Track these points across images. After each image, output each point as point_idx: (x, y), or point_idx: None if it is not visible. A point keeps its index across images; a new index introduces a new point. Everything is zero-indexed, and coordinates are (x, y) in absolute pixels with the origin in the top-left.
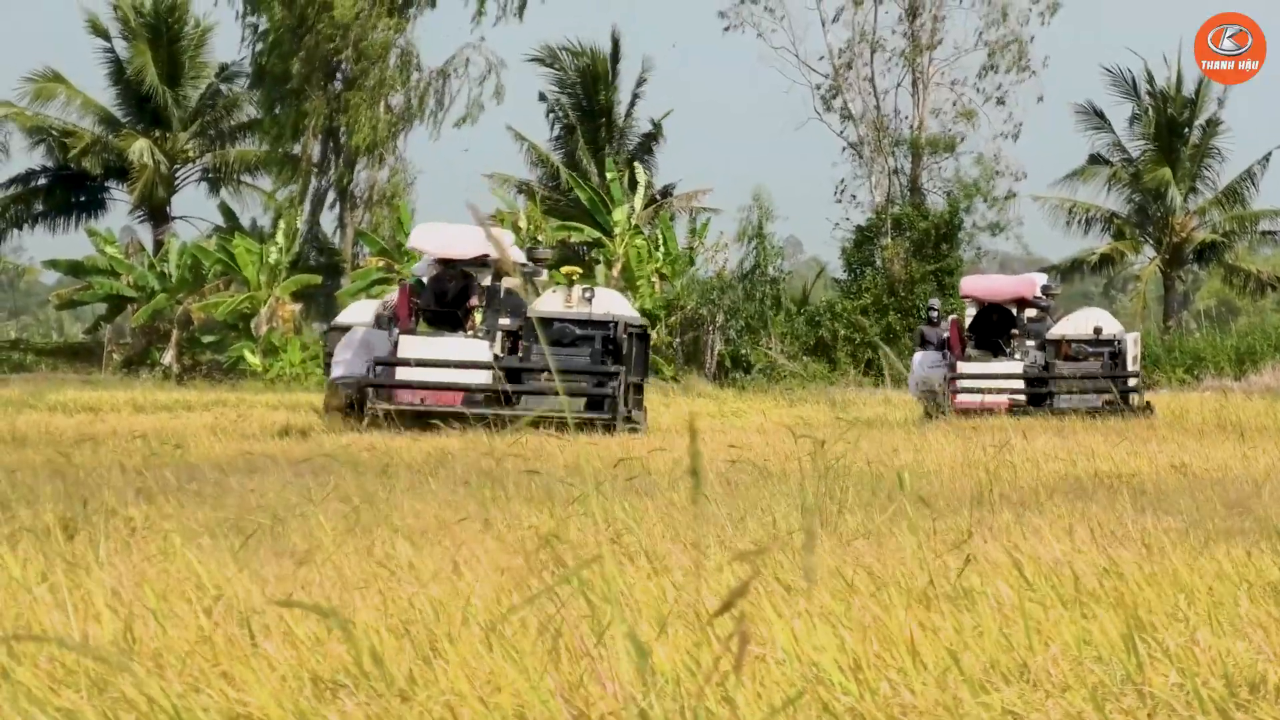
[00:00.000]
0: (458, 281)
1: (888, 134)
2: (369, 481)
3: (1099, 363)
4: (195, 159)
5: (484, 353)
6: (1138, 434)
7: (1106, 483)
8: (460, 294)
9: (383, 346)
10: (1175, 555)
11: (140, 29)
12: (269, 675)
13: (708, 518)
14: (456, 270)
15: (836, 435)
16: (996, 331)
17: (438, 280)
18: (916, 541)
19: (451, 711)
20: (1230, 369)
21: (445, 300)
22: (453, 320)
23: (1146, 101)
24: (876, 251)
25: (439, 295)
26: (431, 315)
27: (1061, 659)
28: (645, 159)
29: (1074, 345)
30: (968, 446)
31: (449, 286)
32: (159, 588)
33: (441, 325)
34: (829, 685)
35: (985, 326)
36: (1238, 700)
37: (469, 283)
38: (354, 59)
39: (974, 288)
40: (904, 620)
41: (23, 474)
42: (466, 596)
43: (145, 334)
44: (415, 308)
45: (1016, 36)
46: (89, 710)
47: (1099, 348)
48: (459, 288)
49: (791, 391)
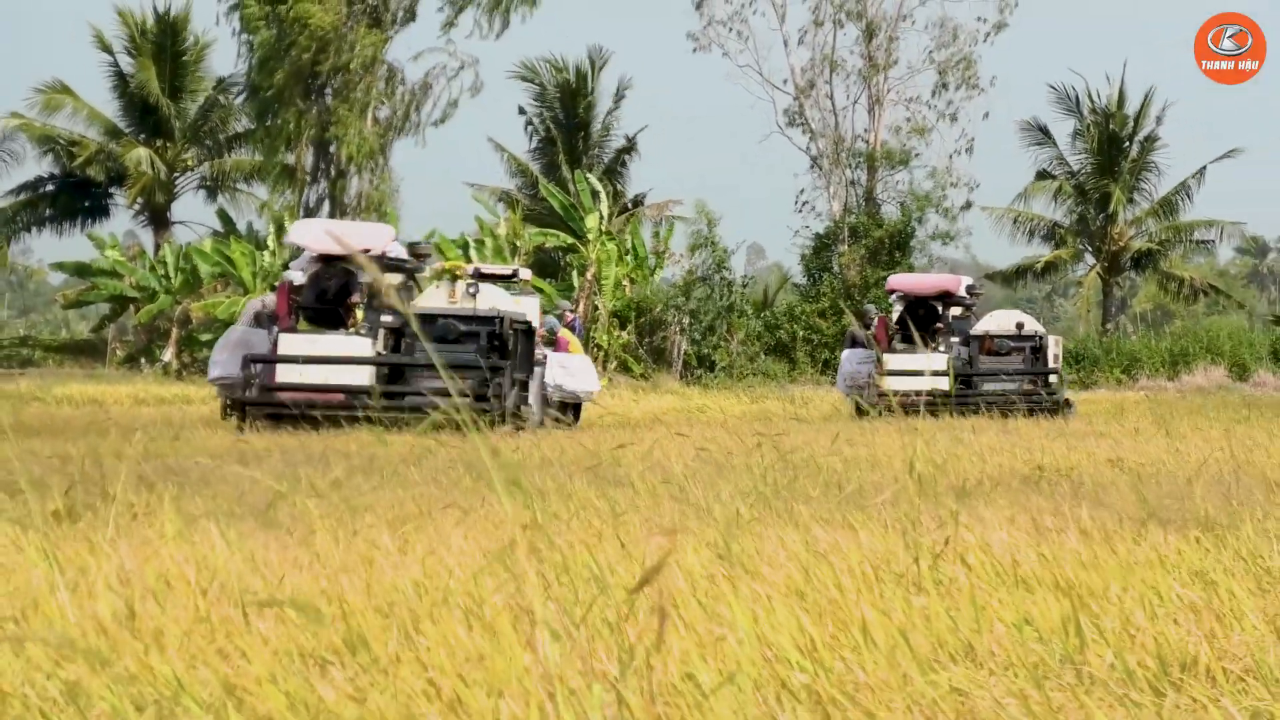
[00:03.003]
0: (338, 278)
1: (846, 148)
2: (356, 471)
3: (1020, 358)
4: (194, 167)
5: (366, 350)
6: (1076, 431)
7: (1047, 476)
8: (341, 291)
9: (262, 346)
10: (1111, 543)
11: (145, 45)
12: (262, 651)
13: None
14: (337, 267)
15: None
16: (921, 326)
17: (318, 278)
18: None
19: (433, 685)
20: (1165, 370)
21: (326, 298)
22: (334, 318)
23: (1089, 118)
24: (834, 258)
25: (319, 293)
26: (312, 313)
27: (1005, 640)
28: (619, 170)
29: (997, 340)
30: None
31: (329, 284)
32: (159, 569)
33: (322, 323)
34: (786, 664)
35: (912, 322)
36: (1170, 679)
37: (350, 279)
38: (333, 72)
39: (900, 283)
40: (857, 603)
41: (30, 462)
42: (446, 579)
43: (146, 332)
44: (295, 305)
45: (965, 56)
46: (94, 682)
47: (1020, 343)
48: (340, 285)
49: (752, 389)
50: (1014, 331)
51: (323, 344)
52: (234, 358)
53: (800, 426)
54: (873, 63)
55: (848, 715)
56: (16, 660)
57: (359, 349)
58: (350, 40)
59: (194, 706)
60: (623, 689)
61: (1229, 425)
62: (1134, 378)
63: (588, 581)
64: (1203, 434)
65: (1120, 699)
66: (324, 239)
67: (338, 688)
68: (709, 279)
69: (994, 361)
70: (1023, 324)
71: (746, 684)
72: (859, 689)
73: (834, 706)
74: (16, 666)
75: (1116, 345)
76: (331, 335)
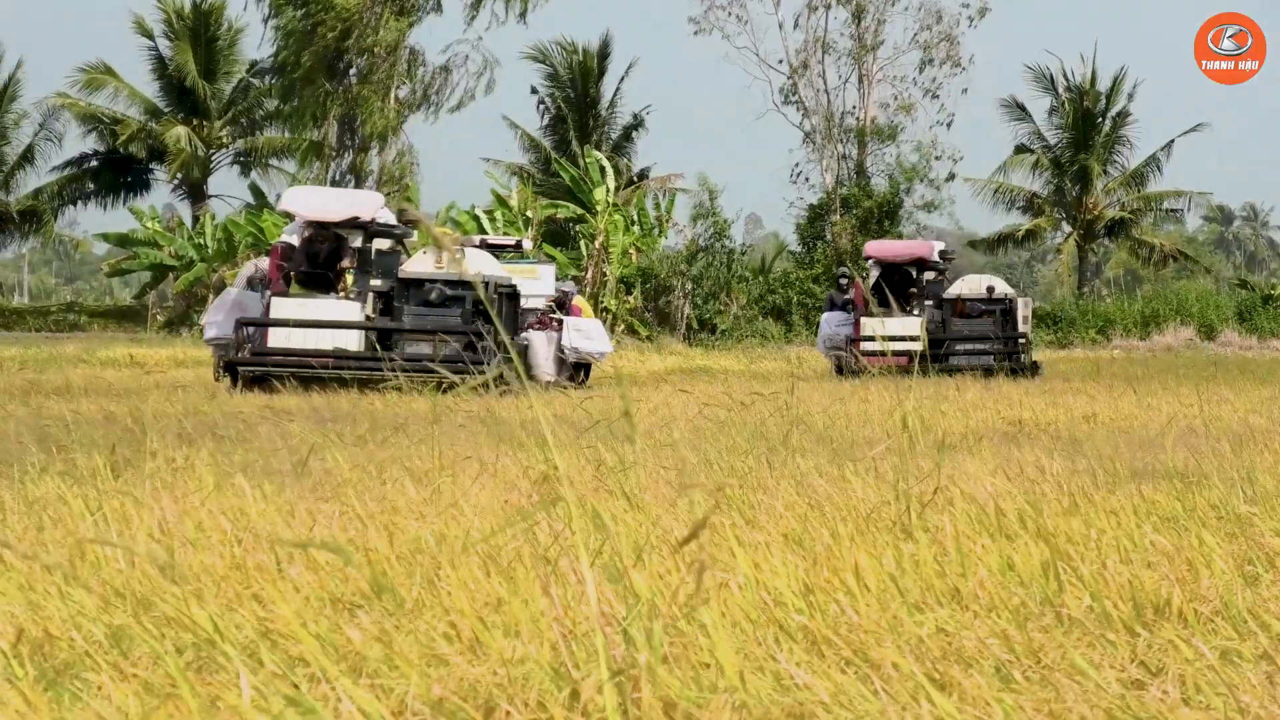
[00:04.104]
0: (329, 244)
1: (837, 124)
2: (380, 428)
3: (991, 320)
4: (228, 144)
5: (356, 314)
6: (1054, 389)
7: (1027, 430)
8: (331, 256)
9: (255, 308)
10: (1087, 493)
11: (182, 30)
12: (294, 596)
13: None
14: (328, 233)
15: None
16: (897, 291)
17: (309, 243)
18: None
19: (454, 628)
20: (1137, 330)
21: (317, 263)
22: (324, 282)
23: (1064, 96)
24: (827, 227)
25: (310, 258)
26: (303, 277)
27: (988, 584)
28: (626, 146)
29: (968, 304)
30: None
31: (320, 249)
32: (197, 520)
33: (313, 287)
34: (784, 607)
35: (887, 287)
36: (1144, 620)
37: (340, 245)
38: (358, 53)
39: (876, 250)
40: (850, 550)
41: (77, 421)
42: (466, 528)
43: (185, 298)
44: (286, 270)
45: (947, 36)
46: (137, 627)
47: (991, 305)
48: (330, 250)
49: (751, 350)
50: (984, 295)
51: (313, 308)
52: (229, 319)
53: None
54: (862, 44)
55: (841, 653)
56: (65, 606)
57: (348, 313)
58: (374, 24)
59: (229, 649)
60: (631, 630)
61: (1197, 383)
62: (1108, 338)
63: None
64: (1172, 391)
65: (1097, 639)
66: (315, 205)
67: (364, 630)
68: (710, 248)
69: (965, 324)
70: (993, 287)
71: (746, 625)
72: (852, 629)
73: (828, 646)
74: (65, 612)
75: (1092, 308)
76: (321, 299)
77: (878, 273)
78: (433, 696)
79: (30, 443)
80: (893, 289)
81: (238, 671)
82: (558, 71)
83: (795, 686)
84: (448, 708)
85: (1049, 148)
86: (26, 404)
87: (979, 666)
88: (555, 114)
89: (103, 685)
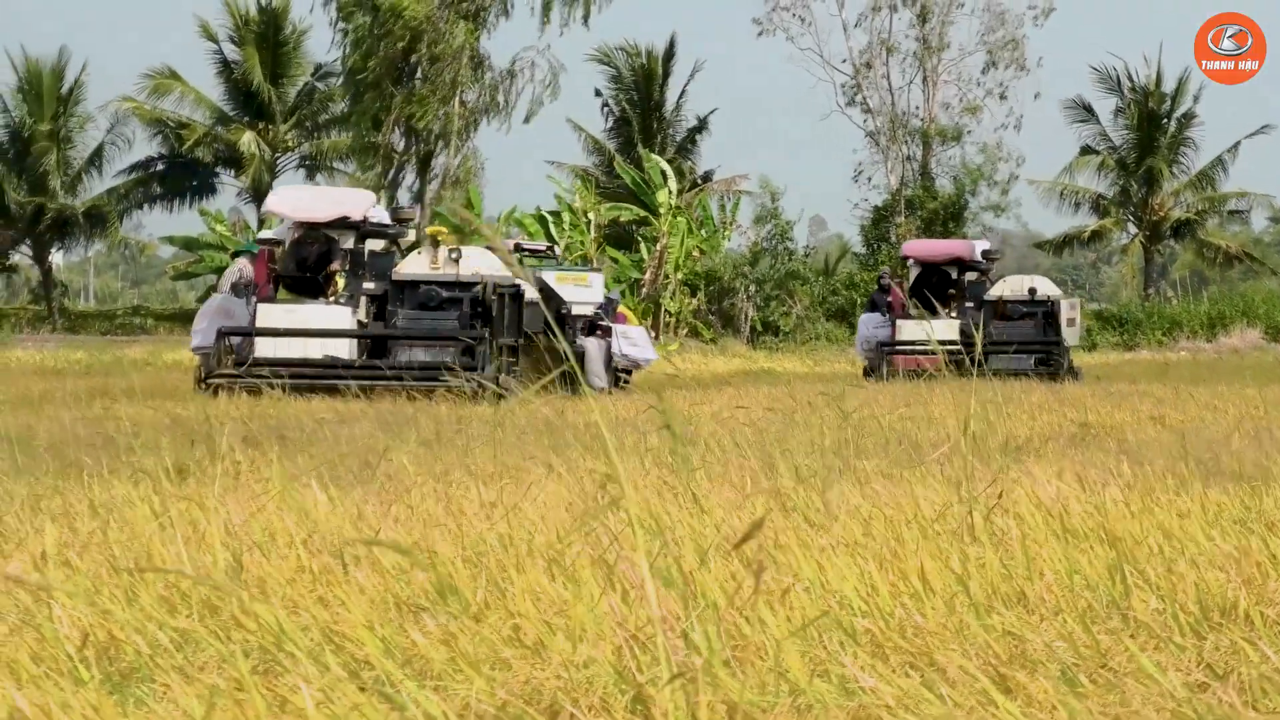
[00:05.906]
0: (319, 246)
1: (902, 125)
2: (445, 431)
3: (1032, 322)
4: (294, 148)
5: (346, 320)
6: (1120, 391)
7: (1093, 433)
8: (321, 259)
9: (242, 315)
10: (1154, 496)
11: (248, 34)
12: (359, 599)
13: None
14: (318, 234)
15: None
16: (936, 292)
17: (297, 245)
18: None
19: (518, 631)
20: (1203, 332)
21: (306, 266)
22: (313, 287)
23: (1129, 97)
24: (891, 229)
25: (299, 261)
26: (291, 282)
27: (1055, 587)
28: (690, 148)
29: (1009, 305)
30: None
31: (309, 251)
32: (264, 523)
33: (302, 292)
34: (849, 610)
35: (926, 288)
36: (1211, 623)
37: (330, 247)
38: (427, 59)
39: (914, 249)
40: (916, 553)
41: (142, 424)
42: (531, 532)
43: None
44: (274, 274)
45: (1013, 38)
46: (202, 630)
47: (1034, 308)
48: (320, 252)
49: (815, 352)
50: (1026, 297)
51: (301, 314)
52: (213, 327)
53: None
54: (926, 45)
55: (905, 657)
56: (130, 609)
57: (338, 319)
58: (442, 31)
59: (295, 651)
60: (691, 634)
61: (1265, 385)
62: (1175, 340)
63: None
64: (1238, 393)
65: (1163, 641)
66: (302, 205)
67: (429, 633)
68: (773, 249)
69: (1004, 327)
70: (1035, 289)
71: (811, 629)
72: (918, 633)
73: (894, 650)
74: (130, 615)
75: (1158, 309)
76: (310, 305)
77: (917, 273)
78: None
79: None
80: (932, 289)
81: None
82: (621, 74)
83: (860, 690)
84: (511, 711)
85: (1114, 149)
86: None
87: (1045, 670)
88: (619, 116)
89: (169, 688)
